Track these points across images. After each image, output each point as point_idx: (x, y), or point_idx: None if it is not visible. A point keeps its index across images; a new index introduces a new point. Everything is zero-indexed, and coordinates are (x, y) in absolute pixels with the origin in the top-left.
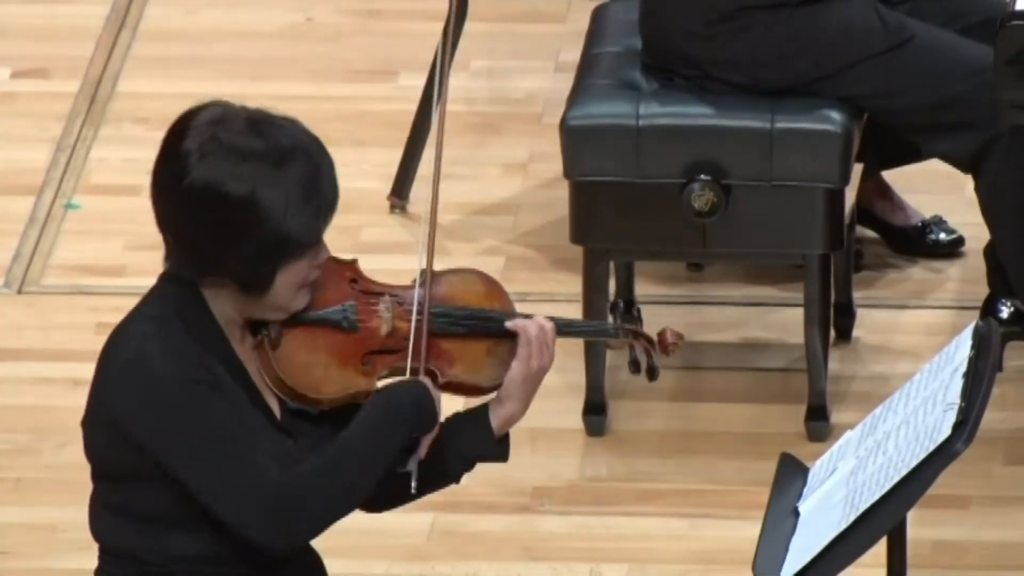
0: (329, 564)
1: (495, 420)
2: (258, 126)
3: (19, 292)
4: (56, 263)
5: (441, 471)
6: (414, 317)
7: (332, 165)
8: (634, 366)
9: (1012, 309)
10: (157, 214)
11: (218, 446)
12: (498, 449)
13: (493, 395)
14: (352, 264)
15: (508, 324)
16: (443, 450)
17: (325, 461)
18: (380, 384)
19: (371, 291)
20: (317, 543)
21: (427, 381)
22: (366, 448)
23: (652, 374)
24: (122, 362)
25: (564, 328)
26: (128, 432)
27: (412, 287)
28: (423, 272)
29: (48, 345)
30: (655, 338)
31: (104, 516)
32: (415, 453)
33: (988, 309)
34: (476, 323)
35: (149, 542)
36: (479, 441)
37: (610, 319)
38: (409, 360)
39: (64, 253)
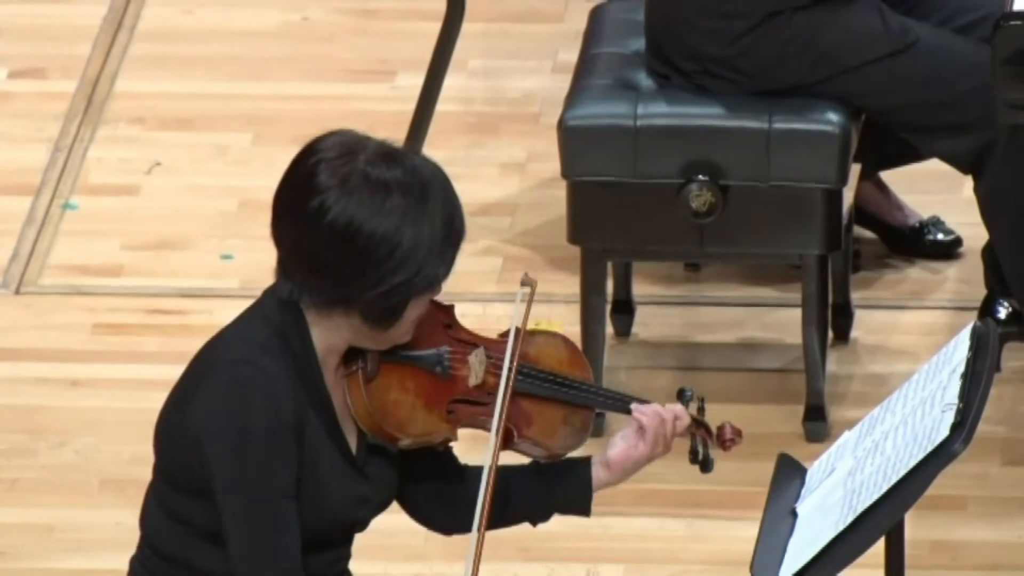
0: None
1: (595, 484)
2: (395, 158)
3: (16, 292)
4: (53, 263)
5: (526, 516)
6: (504, 373)
7: (457, 199)
8: (693, 455)
9: (1010, 310)
10: (287, 249)
11: (265, 503)
12: (588, 509)
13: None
14: (449, 309)
15: (634, 409)
16: (538, 497)
17: None
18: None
19: (464, 339)
20: None
21: None
22: None
23: (706, 466)
24: (220, 384)
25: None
26: (204, 454)
27: (503, 341)
28: (515, 330)
29: (45, 345)
30: (715, 431)
31: (157, 514)
32: None
33: (986, 310)
34: (559, 389)
35: (196, 553)
36: (575, 500)
37: (678, 405)
38: (495, 417)
39: (61, 253)
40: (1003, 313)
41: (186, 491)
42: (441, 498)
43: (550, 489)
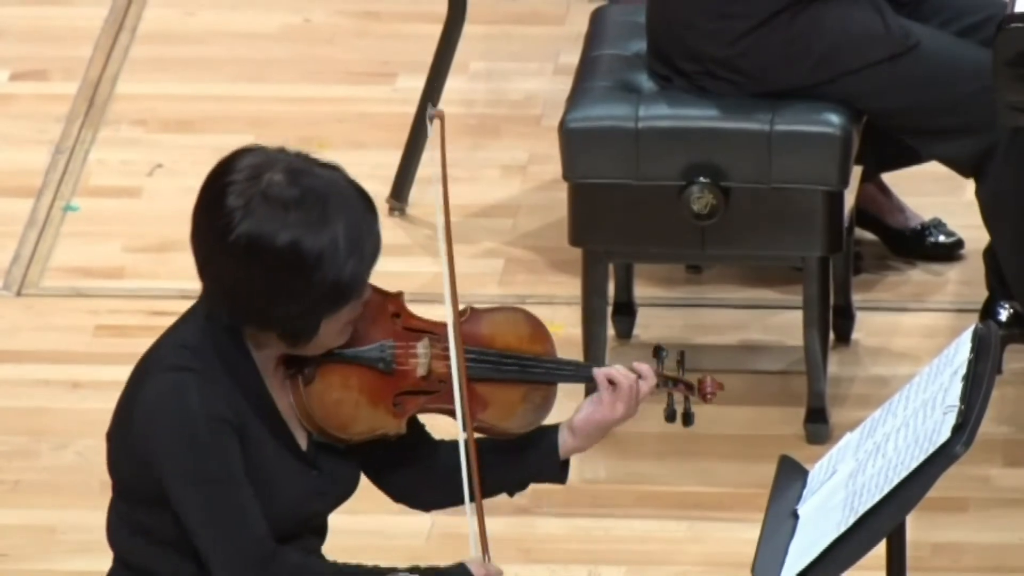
0: None
1: (562, 450)
2: (299, 176)
3: (18, 294)
4: (55, 265)
5: (501, 486)
6: (453, 362)
7: (375, 211)
8: (668, 414)
9: (1011, 312)
10: (200, 266)
11: (223, 488)
12: (560, 476)
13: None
14: (397, 298)
15: (597, 373)
16: (508, 468)
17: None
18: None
19: (412, 328)
20: None
21: (477, 570)
22: None
23: (687, 420)
24: (156, 391)
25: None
26: (153, 460)
27: (461, 321)
28: (468, 309)
29: (47, 347)
30: (695, 384)
31: (121, 530)
32: None
33: (987, 312)
34: (515, 368)
35: (161, 562)
36: (545, 469)
37: (653, 363)
38: (458, 406)
39: (63, 255)
40: (1004, 315)
41: (143, 502)
42: (418, 476)
43: (520, 460)
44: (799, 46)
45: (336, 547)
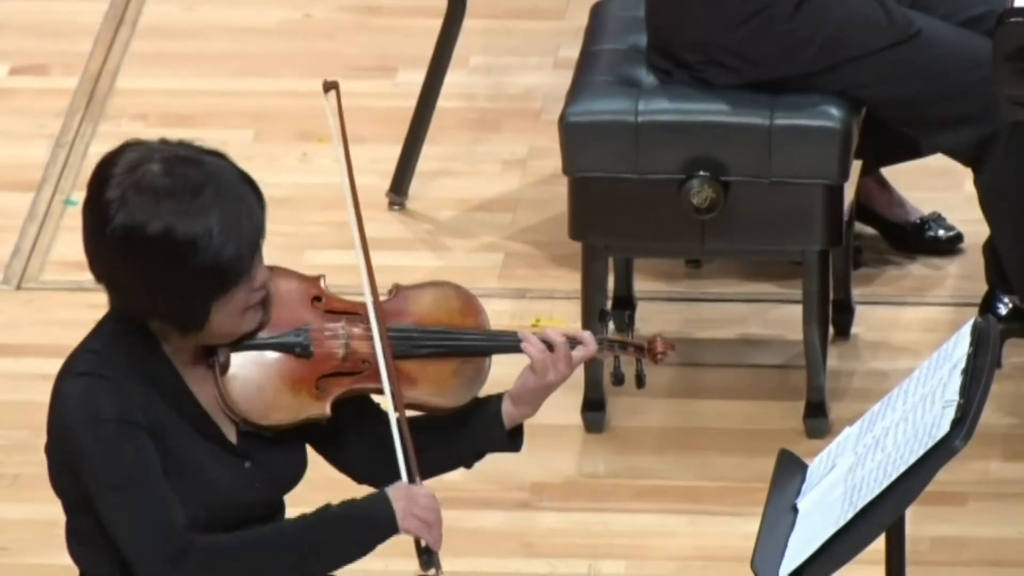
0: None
1: (507, 419)
2: (173, 164)
3: (18, 288)
4: (55, 259)
5: (454, 460)
6: (376, 342)
7: (259, 196)
8: (615, 377)
9: (1011, 306)
10: (89, 263)
11: (137, 486)
12: (511, 444)
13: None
14: (316, 281)
15: (526, 344)
16: (456, 440)
17: (258, 539)
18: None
19: (333, 310)
20: None
21: (395, 494)
22: (305, 546)
23: (640, 382)
24: (66, 398)
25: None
26: (75, 466)
27: (387, 300)
28: (395, 287)
29: (47, 341)
30: (645, 346)
31: (72, 542)
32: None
33: (987, 306)
34: (442, 343)
35: (110, 568)
36: (492, 438)
37: (598, 328)
38: (385, 383)
39: (63, 249)
40: (1004, 309)
41: (85, 512)
42: (371, 452)
43: (468, 432)
44: (801, 34)
45: None
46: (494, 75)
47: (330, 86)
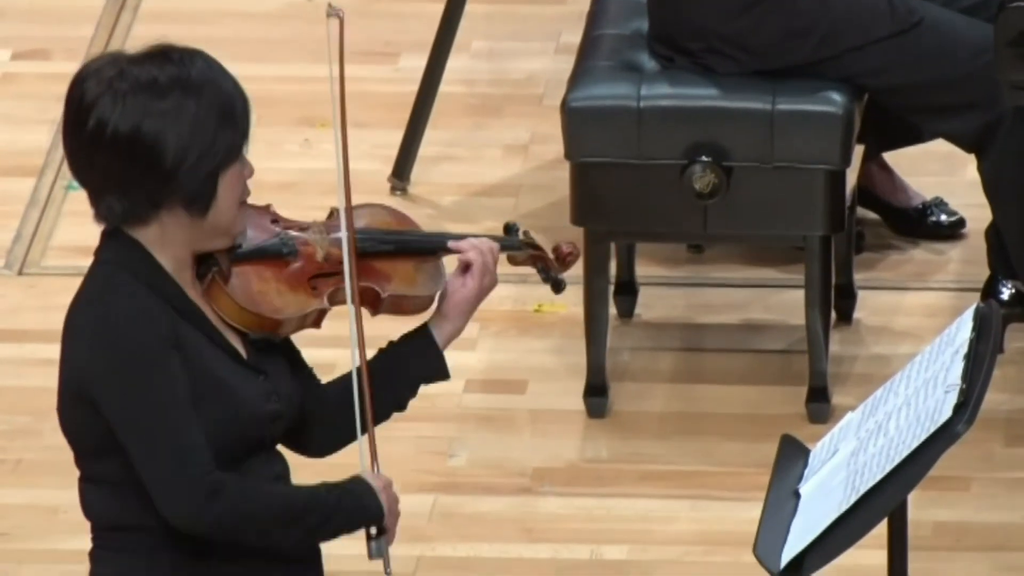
0: (328, 544)
1: (441, 339)
2: (153, 57)
3: (20, 273)
4: (56, 244)
5: (393, 401)
6: (344, 240)
7: (227, 72)
8: (554, 283)
9: (1013, 291)
10: (80, 170)
11: (168, 415)
12: (445, 369)
13: (426, 319)
14: (268, 207)
15: (451, 244)
16: (393, 379)
17: (286, 500)
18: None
19: (296, 224)
20: None
21: (372, 478)
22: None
23: (558, 287)
24: (87, 329)
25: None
26: (95, 399)
27: (332, 220)
28: (333, 209)
29: (48, 326)
30: (550, 253)
31: (89, 490)
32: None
33: (989, 291)
34: (400, 242)
35: (134, 511)
36: (429, 363)
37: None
38: (347, 279)
39: (65, 234)
40: (1006, 294)
41: (99, 453)
42: (312, 421)
43: (403, 365)
44: (803, 22)
45: None
46: (496, 60)
47: (334, 13)
